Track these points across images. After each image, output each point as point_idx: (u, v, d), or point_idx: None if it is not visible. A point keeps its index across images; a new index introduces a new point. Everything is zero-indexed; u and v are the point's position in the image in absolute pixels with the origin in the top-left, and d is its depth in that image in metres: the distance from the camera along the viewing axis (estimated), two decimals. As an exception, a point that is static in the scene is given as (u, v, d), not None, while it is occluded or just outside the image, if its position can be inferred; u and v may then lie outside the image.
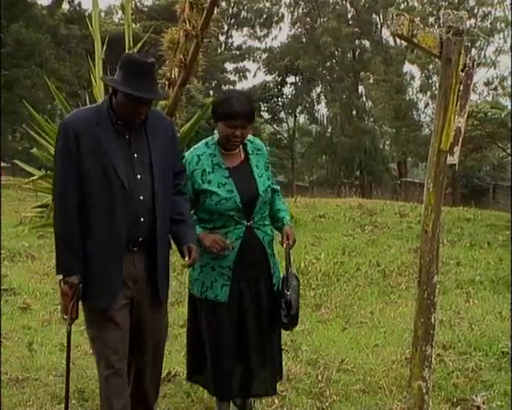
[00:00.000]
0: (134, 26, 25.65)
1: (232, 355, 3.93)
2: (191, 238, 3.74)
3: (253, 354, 3.96)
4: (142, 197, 3.56)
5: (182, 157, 3.90)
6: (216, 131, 3.93)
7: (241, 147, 3.95)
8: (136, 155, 3.57)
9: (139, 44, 11.09)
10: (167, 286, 3.82)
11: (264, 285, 3.98)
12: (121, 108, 3.48)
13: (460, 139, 3.90)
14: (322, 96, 46.04)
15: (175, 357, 5.41)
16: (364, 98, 42.61)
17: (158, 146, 3.62)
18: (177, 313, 6.54)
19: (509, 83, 32.36)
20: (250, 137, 4.02)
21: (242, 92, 4.16)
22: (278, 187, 4.22)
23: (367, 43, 42.91)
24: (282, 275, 4.06)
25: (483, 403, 4.62)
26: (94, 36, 11.42)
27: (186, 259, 3.65)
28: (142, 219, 3.57)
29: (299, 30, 44.75)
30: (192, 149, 3.98)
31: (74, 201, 3.50)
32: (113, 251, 3.54)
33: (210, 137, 3.98)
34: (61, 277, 3.62)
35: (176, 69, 10.72)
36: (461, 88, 3.79)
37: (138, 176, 3.55)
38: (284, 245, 4.01)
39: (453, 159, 3.90)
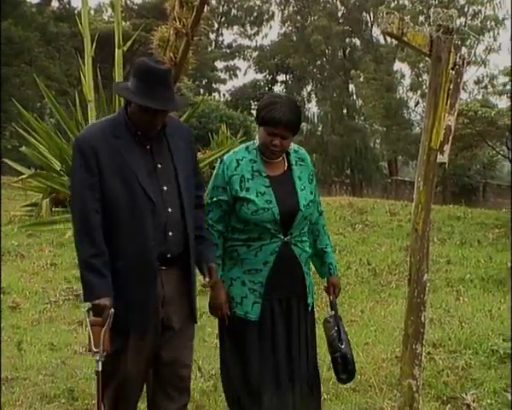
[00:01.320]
0: (124, 23, 25.60)
1: (257, 379, 3.65)
2: (212, 257, 3.53)
3: (283, 374, 3.66)
4: (170, 210, 3.32)
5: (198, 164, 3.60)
6: (257, 136, 3.70)
7: (284, 156, 3.70)
8: (159, 166, 3.34)
9: (129, 42, 11.05)
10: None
11: (296, 305, 3.70)
12: (136, 118, 3.28)
13: (450, 138, 3.90)
14: (313, 95, 46.09)
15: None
16: (355, 97, 42.69)
17: (180, 154, 3.41)
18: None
19: (500, 81, 32.46)
20: (295, 146, 3.79)
21: (290, 99, 3.79)
22: (322, 209, 3.96)
23: (357, 42, 43.04)
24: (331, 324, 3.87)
25: (473, 401, 4.64)
26: (83, 34, 11.39)
27: (206, 279, 3.44)
28: (170, 234, 3.32)
29: (290, 28, 44.77)
30: (231, 152, 3.72)
31: (98, 220, 3.21)
32: (146, 271, 3.27)
33: (251, 142, 3.73)
34: (88, 306, 3.22)
35: (166, 67, 10.70)
36: (451, 86, 3.80)
37: (164, 187, 3.32)
38: (331, 297, 3.90)
39: (443, 157, 3.91)
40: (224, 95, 45.93)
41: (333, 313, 3.90)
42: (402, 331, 3.93)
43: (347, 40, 42.67)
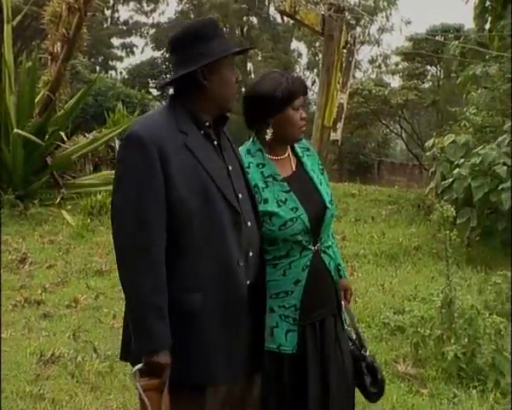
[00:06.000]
0: (15, -3, 24.71)
1: None
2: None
3: None
4: (249, 223, 2.62)
5: None
6: (254, 136, 3.01)
7: (289, 149, 3.05)
8: (231, 168, 2.64)
9: (19, 17, 10.71)
10: None
11: (330, 325, 3.05)
12: (222, 84, 2.58)
13: (343, 115, 3.98)
14: (211, 73, 45.97)
15: (60, 338, 5.33)
16: (253, 75, 42.79)
17: (239, 153, 2.81)
18: (63, 293, 6.48)
19: (393, 61, 33.36)
20: None
21: (276, 70, 3.14)
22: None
23: (255, 20, 43.11)
24: (349, 332, 3.29)
25: (366, 373, 4.77)
26: (-30, 7, 10.93)
27: None
28: (251, 254, 2.61)
29: (187, 5, 44.38)
30: None
31: (162, 248, 2.42)
32: (233, 305, 2.51)
33: (249, 143, 3.01)
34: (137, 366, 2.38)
35: (58, 43, 10.42)
36: (343, 65, 3.86)
37: (240, 195, 2.62)
38: (343, 303, 3.19)
39: (336, 135, 3.98)
40: (120, 73, 45.08)
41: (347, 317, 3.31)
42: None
43: (245, 18, 42.67)
